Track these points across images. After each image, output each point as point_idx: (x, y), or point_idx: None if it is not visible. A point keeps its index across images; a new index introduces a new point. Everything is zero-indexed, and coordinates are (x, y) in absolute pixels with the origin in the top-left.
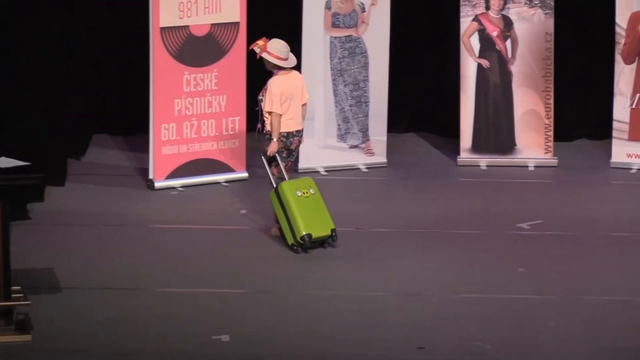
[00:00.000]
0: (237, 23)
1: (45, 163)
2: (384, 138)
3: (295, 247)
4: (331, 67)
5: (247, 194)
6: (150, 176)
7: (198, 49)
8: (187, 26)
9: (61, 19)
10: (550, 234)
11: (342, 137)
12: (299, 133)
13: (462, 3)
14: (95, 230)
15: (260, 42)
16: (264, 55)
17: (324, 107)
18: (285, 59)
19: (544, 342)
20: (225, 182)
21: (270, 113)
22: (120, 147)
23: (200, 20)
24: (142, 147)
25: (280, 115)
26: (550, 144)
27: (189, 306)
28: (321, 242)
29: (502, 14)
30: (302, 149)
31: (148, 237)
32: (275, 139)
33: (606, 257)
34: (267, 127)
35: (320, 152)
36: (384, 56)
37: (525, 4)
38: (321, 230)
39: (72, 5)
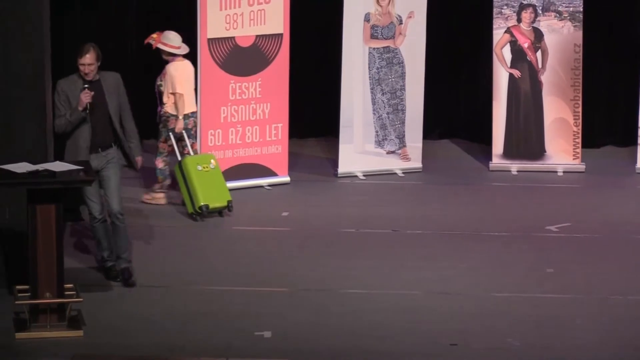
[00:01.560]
0: (281, 34)
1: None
2: (420, 144)
3: (194, 216)
4: (370, 77)
5: (289, 197)
6: None
7: (243, 59)
8: (233, 37)
9: (112, 33)
10: (577, 236)
11: (379, 143)
12: (193, 114)
13: (495, 16)
14: (144, 230)
15: (154, 36)
16: (159, 46)
17: (363, 114)
18: (179, 47)
19: (572, 340)
20: (268, 185)
21: (174, 94)
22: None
23: (245, 32)
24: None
25: (183, 95)
26: (578, 150)
27: (233, 303)
28: (219, 212)
29: (533, 27)
30: (342, 154)
31: (195, 238)
32: (181, 117)
33: (632, 259)
34: (167, 109)
35: (359, 157)
36: (420, 66)
37: (555, 17)
38: (218, 201)
39: (124, 19)
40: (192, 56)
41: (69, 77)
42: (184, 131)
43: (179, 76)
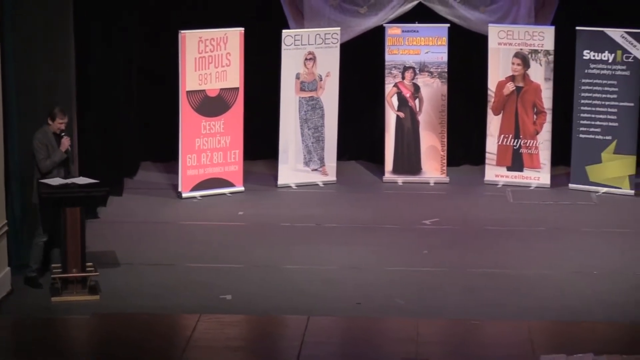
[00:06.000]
0: (237, 88)
1: (109, 180)
2: (334, 164)
3: None
4: (300, 117)
5: (243, 201)
6: (179, 189)
7: (211, 105)
8: (204, 90)
9: (119, 85)
10: (444, 227)
11: (306, 163)
12: None
13: (386, 75)
14: (143, 225)
15: None
16: None
17: (295, 143)
18: None
19: (440, 299)
20: (229, 193)
21: None
22: (159, 170)
23: (213, 86)
24: (174, 169)
25: None
26: (445, 168)
27: (203, 276)
28: None
29: (413, 82)
30: (281, 171)
31: (178, 230)
32: None
33: (482, 243)
34: None
35: (292, 173)
36: (334, 110)
37: (428, 75)
38: None
39: (130, 79)
40: (174, 104)
41: (41, 129)
42: None
43: None
